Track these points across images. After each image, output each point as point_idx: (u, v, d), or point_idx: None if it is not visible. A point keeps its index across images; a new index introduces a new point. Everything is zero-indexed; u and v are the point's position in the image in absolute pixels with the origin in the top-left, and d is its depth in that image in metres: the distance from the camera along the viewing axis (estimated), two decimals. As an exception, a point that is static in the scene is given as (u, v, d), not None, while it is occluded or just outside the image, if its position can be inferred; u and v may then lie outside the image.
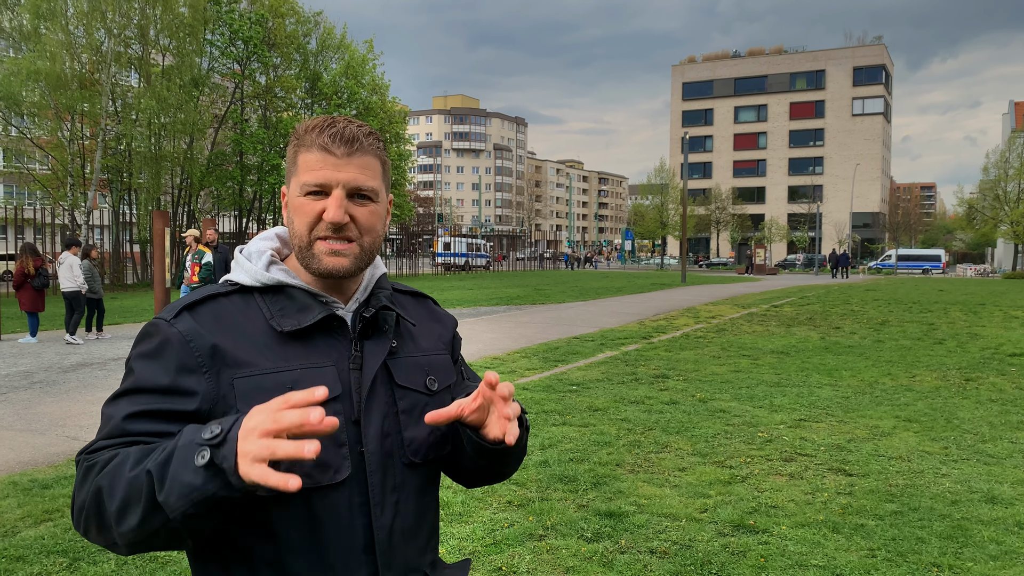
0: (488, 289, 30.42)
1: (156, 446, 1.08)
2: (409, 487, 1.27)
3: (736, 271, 62.86)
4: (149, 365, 1.19)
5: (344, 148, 1.23)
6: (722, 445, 6.37)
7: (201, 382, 1.17)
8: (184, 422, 1.15)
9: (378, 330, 1.30)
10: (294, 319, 1.24)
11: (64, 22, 28.42)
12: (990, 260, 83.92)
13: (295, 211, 1.25)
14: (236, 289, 1.28)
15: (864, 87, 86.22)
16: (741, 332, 14.80)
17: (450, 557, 4.06)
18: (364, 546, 1.21)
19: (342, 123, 1.25)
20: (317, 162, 1.22)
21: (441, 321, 1.47)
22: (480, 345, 12.62)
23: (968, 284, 39.09)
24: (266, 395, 1.14)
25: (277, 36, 36.31)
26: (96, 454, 1.13)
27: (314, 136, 1.24)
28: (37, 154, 32.54)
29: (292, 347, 1.23)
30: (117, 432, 1.15)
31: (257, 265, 1.29)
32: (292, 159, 1.27)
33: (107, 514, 1.07)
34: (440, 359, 1.40)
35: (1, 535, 4.36)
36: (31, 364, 10.69)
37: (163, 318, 1.23)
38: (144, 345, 1.22)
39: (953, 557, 4.11)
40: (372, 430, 1.24)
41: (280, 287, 1.27)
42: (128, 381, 1.20)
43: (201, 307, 1.24)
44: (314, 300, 1.26)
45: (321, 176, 1.22)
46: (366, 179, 1.24)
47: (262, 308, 1.26)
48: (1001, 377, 9.87)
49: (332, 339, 1.26)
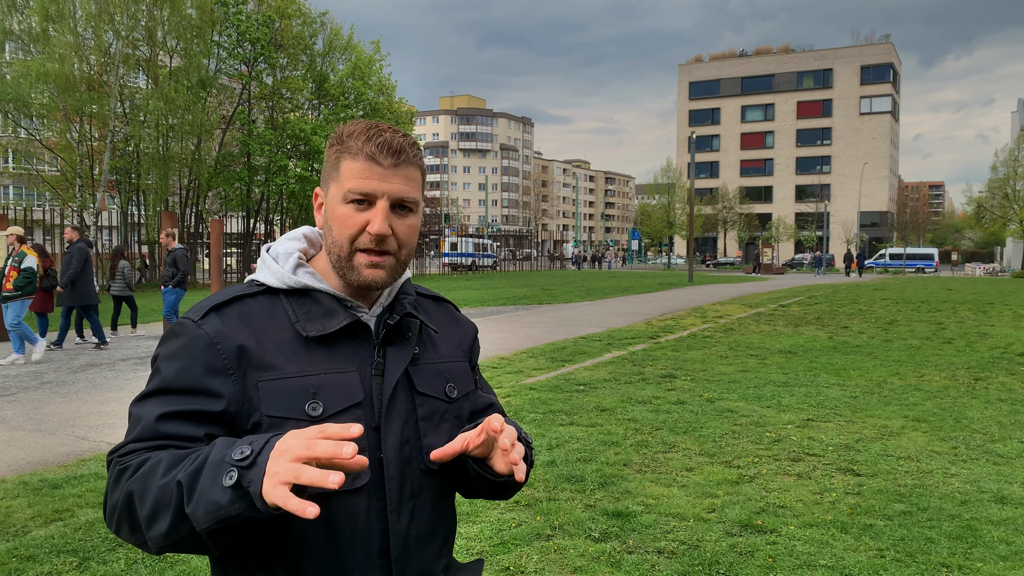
0: (495, 289, 30.43)
1: (187, 452, 1.10)
2: (426, 494, 1.28)
3: (743, 270, 62.73)
4: (176, 365, 1.19)
5: (391, 159, 1.22)
6: (730, 445, 6.36)
7: (227, 384, 1.18)
8: (212, 423, 1.17)
9: (401, 337, 1.31)
10: (319, 324, 1.24)
11: (72, 24, 28.56)
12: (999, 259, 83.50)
13: (336, 220, 1.25)
14: (263, 290, 1.29)
15: (872, 86, 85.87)
16: (749, 332, 14.77)
17: (458, 556, 4.07)
18: (380, 551, 1.22)
19: (388, 132, 1.24)
20: (363, 171, 1.22)
21: (462, 327, 1.48)
22: (487, 345, 12.63)
23: (977, 283, 38.91)
24: (289, 398, 1.18)
25: (284, 37, 36.39)
26: (128, 457, 1.15)
27: (360, 144, 1.23)
28: (46, 156, 32.71)
29: (316, 351, 1.23)
30: (148, 434, 1.16)
31: (284, 267, 1.29)
32: (334, 164, 1.26)
33: (138, 517, 1.09)
34: (459, 366, 1.40)
35: (12, 535, 4.38)
36: (40, 364, 10.74)
37: (190, 318, 1.23)
38: (171, 345, 1.23)
39: (962, 557, 4.09)
40: (392, 437, 1.24)
41: (306, 290, 1.28)
42: (155, 381, 1.21)
43: (228, 308, 1.25)
44: (340, 305, 1.27)
45: (367, 186, 1.22)
46: (410, 191, 1.25)
47: (288, 311, 1.26)
48: (1010, 376, 9.82)
49: (355, 344, 1.26)
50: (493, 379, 9.40)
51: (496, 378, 9.47)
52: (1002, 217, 61.01)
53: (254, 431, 1.17)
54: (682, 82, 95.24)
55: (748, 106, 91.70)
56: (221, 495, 1.00)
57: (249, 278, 1.33)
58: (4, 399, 8.31)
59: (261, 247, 1.44)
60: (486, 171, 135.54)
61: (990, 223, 64.97)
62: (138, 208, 33.72)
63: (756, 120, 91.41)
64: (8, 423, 7.20)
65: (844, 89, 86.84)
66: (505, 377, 9.55)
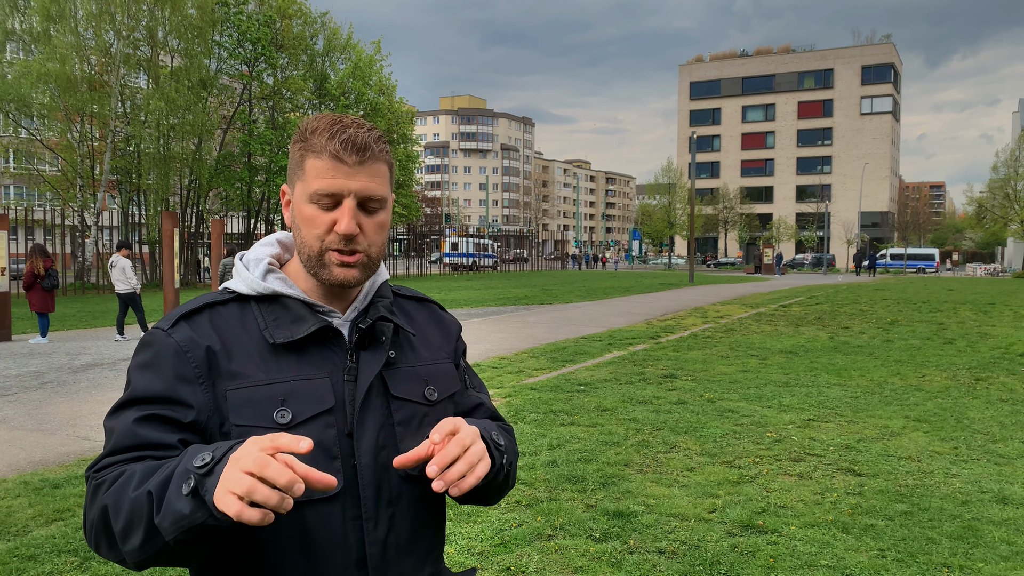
0: (495, 289, 30.43)
1: (160, 464, 1.09)
2: (406, 500, 1.25)
3: (744, 271, 62.70)
4: (146, 375, 1.18)
5: (356, 156, 1.20)
6: (731, 445, 6.35)
7: (197, 393, 1.17)
8: (185, 431, 1.16)
9: (375, 341, 1.28)
10: (287, 330, 1.22)
11: (73, 24, 28.59)
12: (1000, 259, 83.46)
13: (304, 221, 1.23)
14: (233, 297, 1.27)
15: (872, 86, 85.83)
16: (749, 332, 14.76)
17: (459, 557, 4.07)
18: (357, 561, 1.19)
19: (352, 127, 1.21)
20: (328, 170, 1.19)
21: (445, 327, 1.45)
22: (488, 345, 12.63)
23: (978, 283, 38.89)
24: (257, 407, 1.16)
25: (285, 37, 36.42)
26: (104, 472, 1.13)
27: (324, 141, 1.20)
28: (47, 155, 32.74)
29: (286, 358, 1.21)
30: (122, 443, 1.14)
31: (254, 274, 1.27)
32: (298, 162, 1.24)
33: (113, 532, 1.07)
34: (441, 368, 1.37)
35: (13, 534, 4.39)
36: (41, 364, 10.75)
37: (160, 327, 1.22)
38: (142, 355, 1.22)
39: (964, 558, 4.09)
40: (366, 443, 1.21)
41: (276, 296, 1.26)
42: (127, 392, 1.20)
43: (198, 316, 1.23)
44: (309, 311, 1.25)
45: (332, 185, 1.19)
46: (377, 187, 1.22)
47: (257, 318, 1.24)
48: (1011, 377, 9.82)
49: (327, 350, 1.24)
50: (494, 379, 9.40)
51: (497, 378, 9.47)
52: (1003, 217, 60.98)
53: (224, 440, 1.15)
54: (683, 82, 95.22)
55: (749, 106, 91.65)
56: (183, 504, 0.99)
57: (223, 285, 1.31)
58: (5, 399, 8.32)
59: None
60: (487, 171, 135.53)
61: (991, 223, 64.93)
62: (139, 208, 33.74)
63: (757, 120, 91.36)
64: (9, 423, 7.20)
65: (845, 89, 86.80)
66: (506, 377, 9.55)
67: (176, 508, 0.99)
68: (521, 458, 5.88)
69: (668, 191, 79.04)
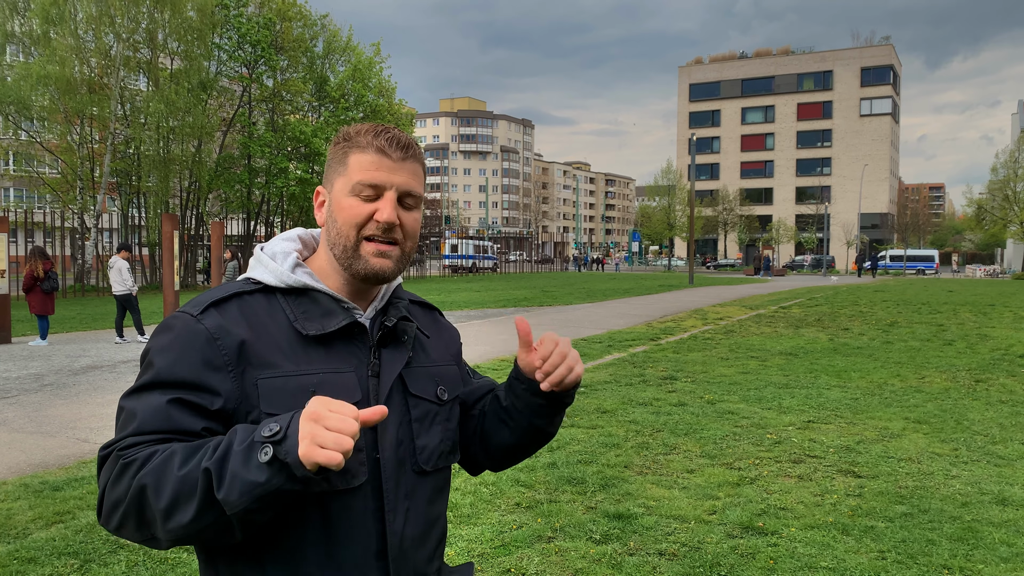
0: (495, 291, 30.44)
1: (201, 443, 1.10)
2: (420, 495, 1.29)
3: (744, 272, 62.68)
4: (171, 357, 1.18)
5: (400, 152, 1.26)
6: (731, 447, 6.35)
7: (226, 380, 1.18)
8: (209, 419, 1.16)
9: (396, 340, 1.32)
10: (318, 323, 1.25)
11: (73, 27, 28.60)
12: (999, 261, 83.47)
13: (342, 210, 1.26)
14: (260, 288, 1.28)
15: (872, 87, 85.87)
16: (749, 333, 14.76)
17: (459, 559, 4.07)
18: (377, 552, 1.22)
19: (395, 130, 1.28)
20: (372, 163, 1.25)
21: (448, 332, 1.51)
22: (488, 347, 12.63)
23: (977, 285, 38.90)
24: (288, 397, 1.18)
25: (285, 40, 36.43)
26: (132, 450, 1.12)
27: (370, 139, 1.26)
28: (47, 158, 32.74)
29: (314, 351, 1.24)
30: (149, 426, 1.14)
31: (283, 266, 1.29)
32: (340, 159, 1.28)
33: (151, 511, 1.08)
34: (449, 370, 1.42)
35: (13, 537, 4.38)
36: (41, 367, 10.75)
37: (189, 312, 1.22)
38: (165, 337, 1.21)
39: (964, 559, 4.09)
40: (388, 438, 1.25)
41: (304, 290, 1.28)
42: (149, 374, 1.18)
43: (228, 304, 1.24)
44: (337, 305, 1.28)
45: (377, 177, 1.25)
46: (416, 184, 1.28)
47: (285, 309, 1.26)
48: (1011, 378, 9.82)
49: (353, 345, 1.27)
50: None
51: (497, 379, 9.46)
52: (1002, 219, 60.99)
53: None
54: (682, 84, 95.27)
55: (748, 108, 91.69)
56: (258, 473, 1.02)
57: (244, 276, 1.32)
58: (5, 401, 8.32)
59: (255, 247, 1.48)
60: (486, 173, 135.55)
61: (990, 225, 64.92)
62: (139, 210, 33.74)
63: (756, 122, 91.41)
64: (9, 425, 7.20)
65: (844, 91, 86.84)
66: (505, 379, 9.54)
67: (248, 478, 1.02)
68: (521, 460, 5.87)
69: (668, 193, 79.04)
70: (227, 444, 1.07)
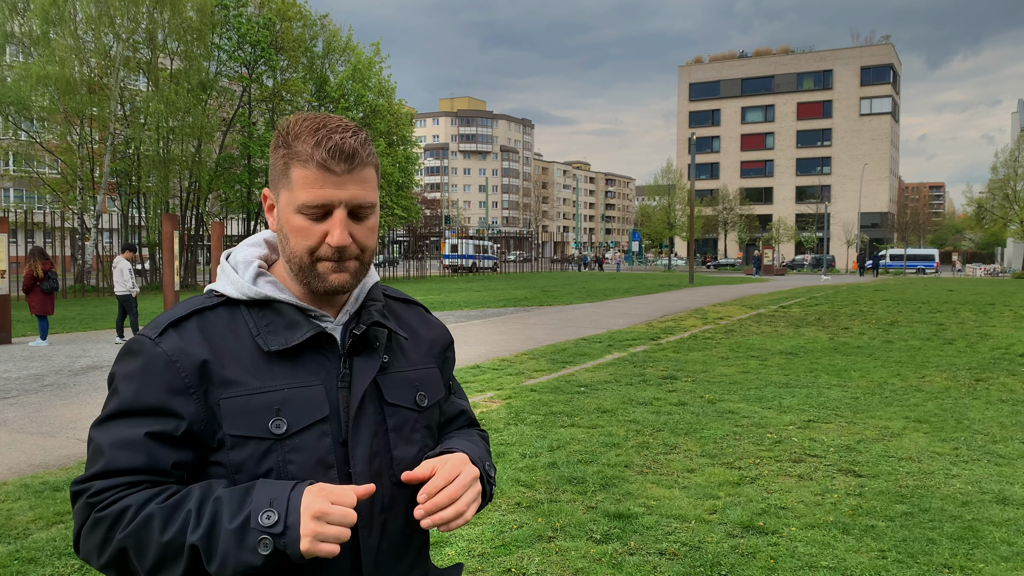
0: (495, 291, 30.43)
1: (178, 500, 1.10)
2: (398, 507, 1.25)
3: (744, 272, 62.67)
4: (134, 386, 1.16)
5: (345, 165, 1.16)
6: (731, 446, 6.35)
7: (189, 403, 1.15)
8: (176, 446, 1.15)
9: (369, 347, 1.26)
10: (281, 337, 1.20)
11: (73, 27, 28.60)
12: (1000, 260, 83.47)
13: (293, 232, 1.19)
14: (222, 301, 1.24)
15: (872, 87, 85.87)
16: (749, 333, 14.77)
17: (459, 559, 4.07)
18: (351, 568, 1.19)
19: (338, 132, 1.17)
20: (315, 181, 1.16)
21: (433, 331, 1.43)
22: (488, 347, 12.63)
23: (978, 284, 38.90)
24: (253, 416, 1.16)
25: (284, 40, 36.43)
26: (100, 498, 1.12)
27: (309, 149, 1.16)
28: (46, 158, 32.74)
29: (279, 365, 1.19)
30: (116, 466, 1.13)
31: (244, 277, 1.24)
32: (282, 169, 1.20)
33: (134, 566, 1.11)
34: (430, 373, 1.36)
35: (13, 537, 4.39)
36: (41, 367, 10.75)
37: (147, 335, 1.19)
38: (128, 364, 1.18)
39: (964, 558, 4.09)
40: (360, 451, 1.21)
41: (268, 301, 1.23)
42: (114, 403, 1.17)
43: (186, 323, 1.20)
44: (303, 316, 1.23)
45: (322, 196, 1.16)
46: (367, 194, 1.19)
47: (249, 323, 1.21)
48: (1011, 377, 9.82)
49: (321, 356, 1.22)
50: (494, 381, 9.40)
51: (497, 379, 9.47)
52: (1002, 218, 61.00)
53: (220, 448, 1.16)
54: (682, 84, 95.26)
55: (748, 107, 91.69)
56: (254, 557, 1.06)
57: (208, 287, 1.28)
58: (5, 402, 8.32)
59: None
60: (486, 173, 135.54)
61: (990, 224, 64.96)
62: (139, 211, 33.73)
63: (756, 121, 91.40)
64: (9, 426, 7.20)
65: (844, 90, 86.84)
66: (506, 379, 9.55)
67: (243, 560, 1.06)
68: (521, 460, 5.88)
69: (668, 192, 79.04)
70: (212, 515, 1.07)
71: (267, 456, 1.16)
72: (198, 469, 1.18)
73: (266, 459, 1.16)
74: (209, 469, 1.18)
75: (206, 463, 1.18)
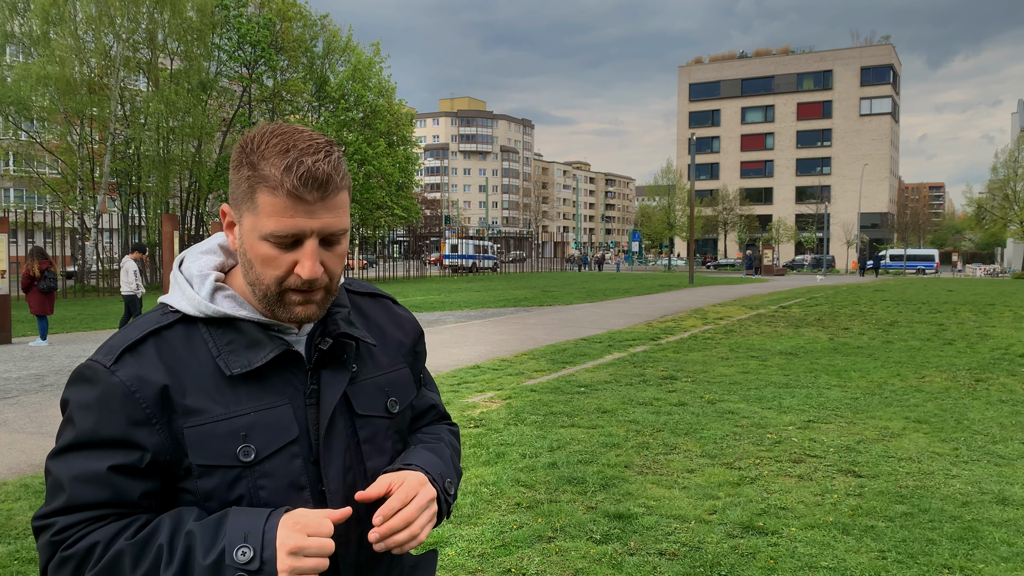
0: (495, 291, 30.44)
1: (147, 535, 1.07)
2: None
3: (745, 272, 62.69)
4: (92, 418, 1.09)
5: (317, 193, 1.08)
6: (731, 446, 6.36)
7: (153, 434, 1.09)
8: (139, 477, 1.10)
9: (336, 359, 1.21)
10: (244, 358, 1.14)
11: (73, 27, 28.62)
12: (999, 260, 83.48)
13: (259, 260, 1.12)
14: (179, 319, 1.16)
15: (872, 87, 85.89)
16: (749, 333, 14.77)
17: (459, 559, 4.07)
18: None
19: (309, 155, 1.08)
20: (286, 210, 1.08)
21: (401, 327, 1.37)
22: (488, 347, 12.63)
23: (977, 284, 38.91)
24: (219, 444, 1.11)
25: (285, 40, 36.46)
26: (65, 536, 1.08)
27: (279, 175, 1.07)
28: (47, 158, 32.76)
29: (243, 387, 1.14)
30: (76, 502, 1.08)
31: (200, 293, 1.16)
32: (247, 192, 1.11)
33: None
34: (400, 374, 1.32)
35: (13, 538, 4.39)
36: (41, 367, 10.75)
37: (102, 363, 1.11)
38: (83, 393, 1.11)
39: (964, 559, 4.09)
40: (333, 469, 1.18)
41: (227, 319, 1.16)
42: (70, 434, 1.10)
43: (143, 346, 1.13)
44: (265, 334, 1.16)
45: (292, 226, 1.09)
46: (339, 221, 1.13)
47: (208, 342, 1.15)
48: (1011, 378, 9.82)
49: (287, 373, 1.17)
50: (494, 381, 9.40)
51: (497, 379, 9.47)
52: (1002, 218, 61.04)
53: (187, 476, 1.12)
54: (682, 84, 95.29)
55: (748, 107, 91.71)
56: None
57: (161, 299, 1.20)
58: (5, 402, 8.32)
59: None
60: (486, 173, 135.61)
61: (990, 224, 64.99)
62: (139, 211, 33.75)
63: (756, 122, 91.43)
64: (9, 426, 7.20)
65: (844, 90, 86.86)
66: (506, 379, 9.55)
67: None
68: (521, 460, 5.88)
69: (668, 192, 79.06)
70: (185, 551, 1.04)
71: (237, 483, 1.12)
72: (167, 497, 1.14)
73: (236, 486, 1.12)
74: (178, 496, 1.13)
75: (175, 490, 1.14)
